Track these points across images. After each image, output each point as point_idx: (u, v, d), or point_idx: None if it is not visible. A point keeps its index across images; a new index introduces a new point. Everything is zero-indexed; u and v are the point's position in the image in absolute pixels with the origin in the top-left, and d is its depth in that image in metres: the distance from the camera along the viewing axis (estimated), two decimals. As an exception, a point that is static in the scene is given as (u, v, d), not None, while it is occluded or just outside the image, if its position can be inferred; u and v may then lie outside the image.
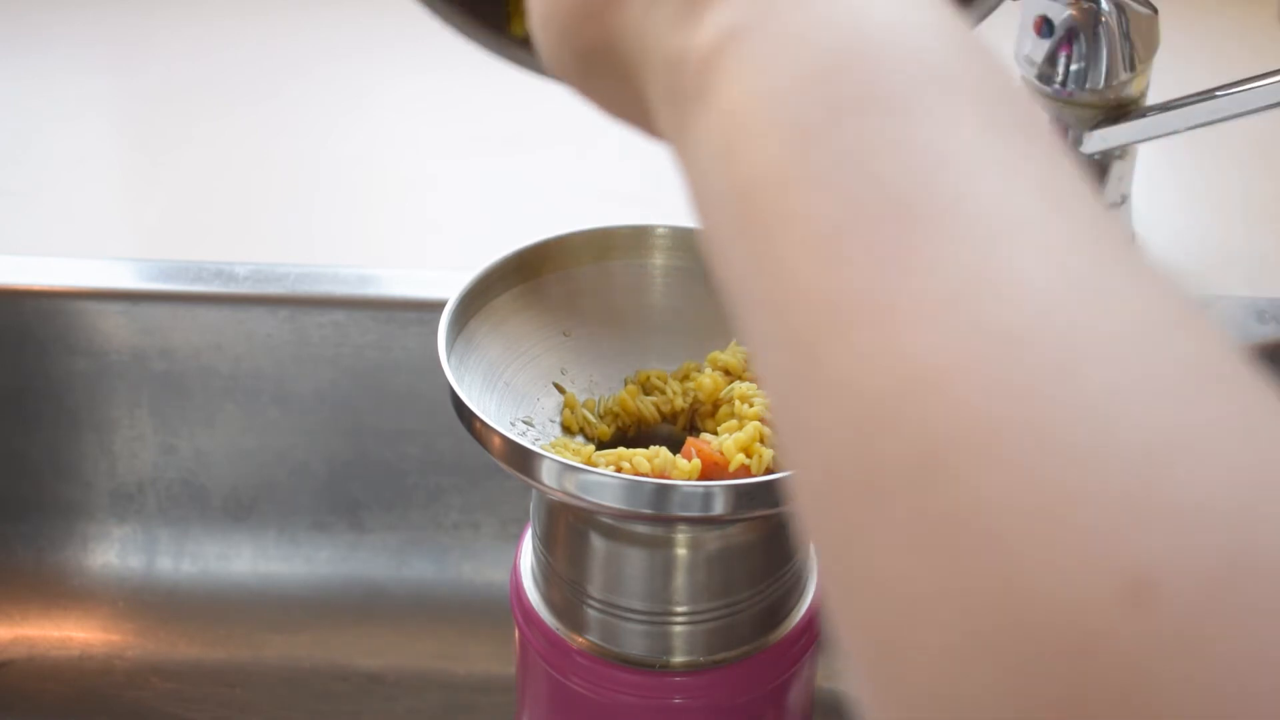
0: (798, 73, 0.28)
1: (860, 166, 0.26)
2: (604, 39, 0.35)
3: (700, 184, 0.30)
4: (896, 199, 0.26)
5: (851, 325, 0.25)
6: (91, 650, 0.85)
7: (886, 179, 0.26)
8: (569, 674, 0.61)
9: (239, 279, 0.82)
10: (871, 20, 0.29)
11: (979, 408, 0.23)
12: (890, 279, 0.25)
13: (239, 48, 1.04)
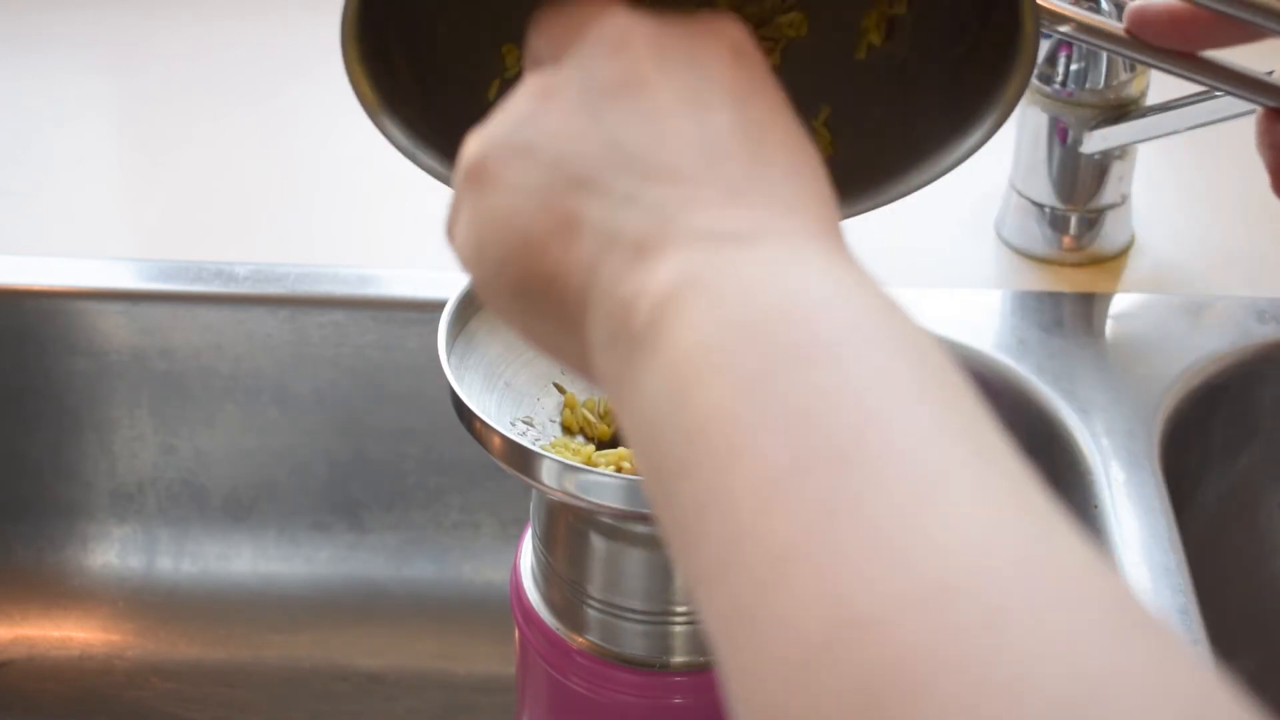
0: (742, 326, 0.30)
1: (801, 415, 0.28)
2: (547, 274, 0.35)
3: (643, 425, 0.31)
4: (835, 448, 0.27)
5: (794, 569, 0.26)
6: (91, 650, 0.85)
7: (825, 428, 0.28)
8: (569, 674, 0.61)
9: (239, 279, 0.82)
10: (805, 281, 0.31)
11: (913, 653, 0.24)
12: (830, 526, 0.26)
13: (239, 48, 1.04)
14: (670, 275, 0.32)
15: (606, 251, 0.34)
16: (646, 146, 0.35)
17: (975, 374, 0.77)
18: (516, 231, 0.36)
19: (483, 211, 0.37)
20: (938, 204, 0.79)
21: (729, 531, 0.28)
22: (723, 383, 0.29)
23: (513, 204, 0.36)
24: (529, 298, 0.36)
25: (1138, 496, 0.69)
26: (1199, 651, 0.63)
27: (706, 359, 0.30)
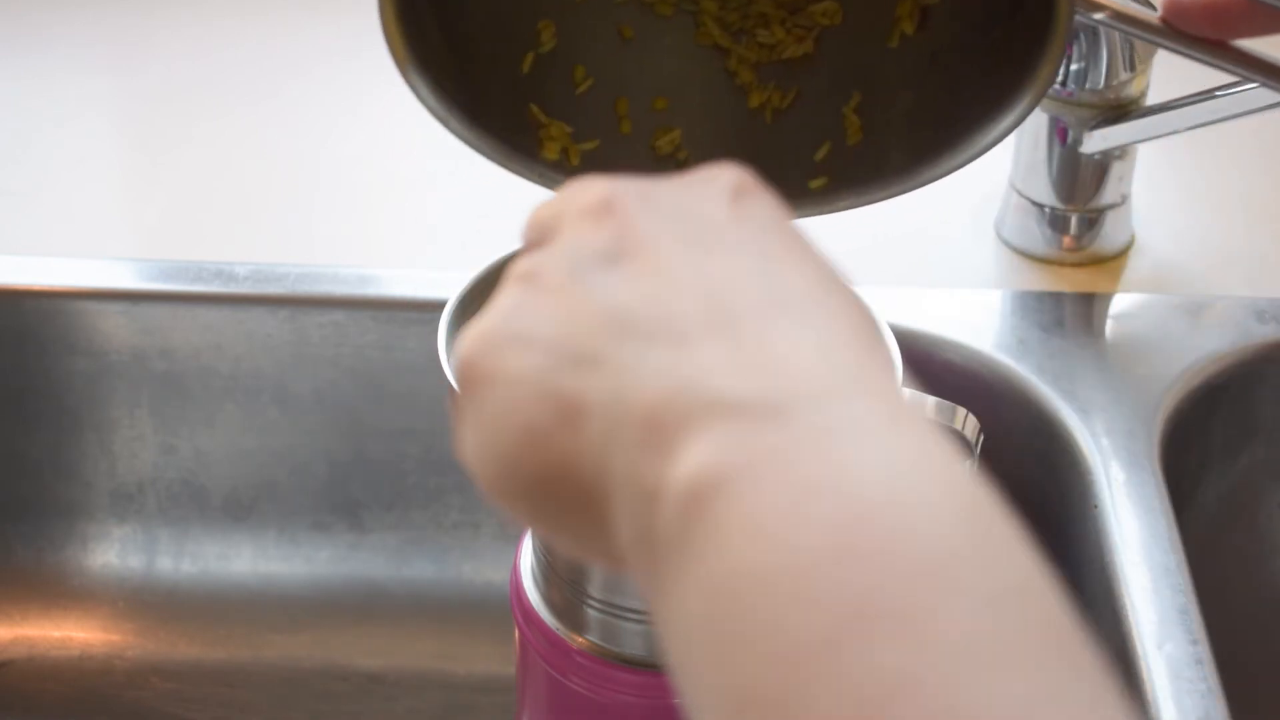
0: (786, 553, 0.26)
1: (868, 699, 0.24)
2: (557, 465, 0.32)
3: (682, 645, 0.28)
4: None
5: None
6: (91, 650, 0.85)
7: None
8: (569, 674, 0.61)
9: (239, 279, 0.82)
10: (858, 474, 0.26)
11: None
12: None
13: (239, 48, 1.04)
14: (693, 467, 0.28)
15: (617, 430, 0.30)
16: (644, 307, 0.31)
17: (975, 374, 0.77)
18: (519, 425, 0.33)
19: (483, 413, 0.34)
20: (938, 204, 0.79)
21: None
22: (770, 645, 0.25)
23: (511, 397, 0.33)
24: (546, 496, 0.33)
25: (1138, 496, 0.69)
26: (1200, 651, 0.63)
27: (749, 602, 0.26)
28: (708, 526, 0.27)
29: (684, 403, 0.29)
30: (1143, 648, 0.63)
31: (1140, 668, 0.62)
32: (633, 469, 0.29)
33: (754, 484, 0.27)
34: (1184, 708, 0.60)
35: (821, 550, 0.25)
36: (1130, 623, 0.64)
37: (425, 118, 1.00)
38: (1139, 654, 0.63)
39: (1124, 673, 0.64)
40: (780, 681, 0.25)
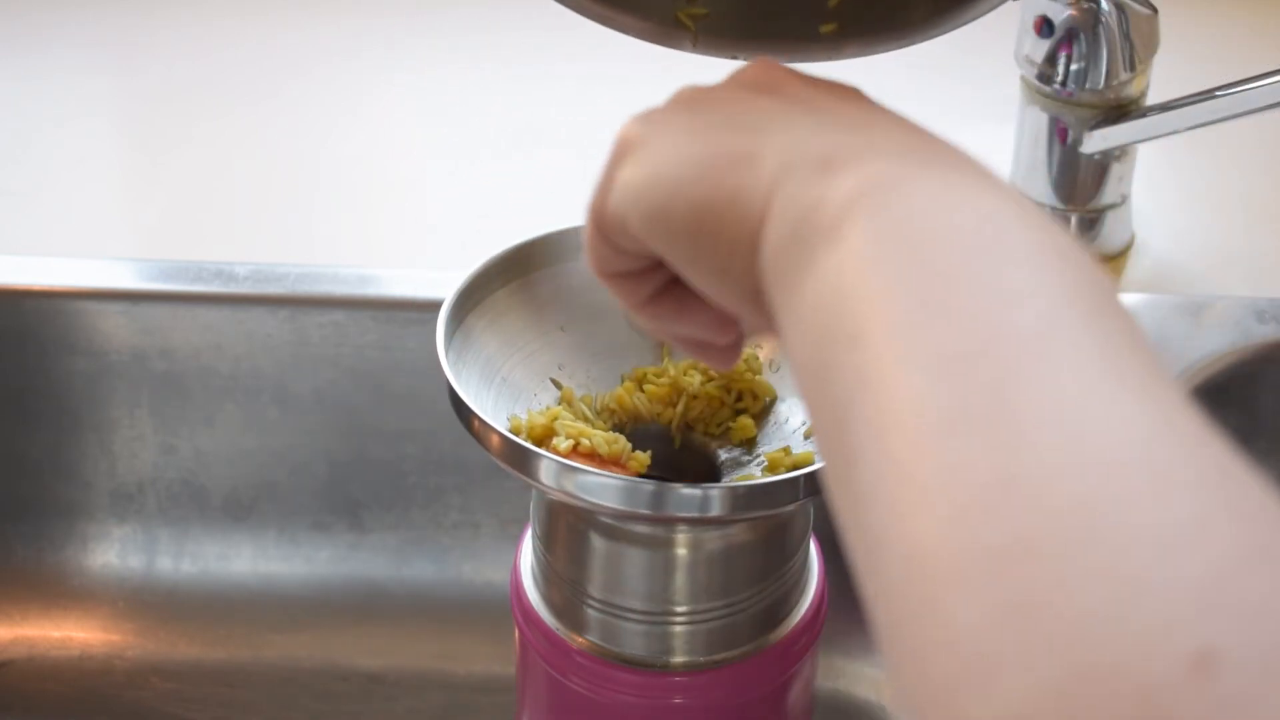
0: (924, 231, 0.32)
1: (968, 311, 0.30)
2: (728, 192, 0.37)
3: (814, 311, 0.33)
4: (1007, 338, 0.29)
5: (960, 429, 0.28)
6: (91, 650, 0.85)
7: (993, 323, 0.30)
8: (569, 674, 0.61)
9: (239, 279, 0.82)
10: (983, 202, 0.33)
11: (1072, 511, 0.26)
12: (997, 399, 0.28)
13: (239, 48, 1.04)
14: (859, 181, 0.34)
15: (793, 167, 0.36)
16: (819, 100, 0.38)
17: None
18: (696, 159, 0.38)
19: (657, 150, 0.39)
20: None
21: (891, 401, 0.29)
22: (896, 275, 0.31)
23: (689, 138, 0.38)
24: (704, 220, 0.38)
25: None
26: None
27: (886, 253, 0.32)
28: (860, 216, 0.33)
29: (858, 149, 0.35)
30: (1143, 648, 0.63)
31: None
32: (801, 189, 0.35)
33: (905, 191, 0.33)
34: (1184, 708, 0.60)
35: (947, 229, 0.32)
36: (1130, 623, 0.64)
37: (425, 117, 1.00)
38: (1139, 654, 0.63)
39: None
40: (905, 292, 0.31)
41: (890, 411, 0.29)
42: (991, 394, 0.28)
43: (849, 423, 0.30)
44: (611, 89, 1.01)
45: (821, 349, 0.32)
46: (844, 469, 0.31)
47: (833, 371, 0.31)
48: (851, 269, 0.32)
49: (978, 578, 0.26)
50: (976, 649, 0.25)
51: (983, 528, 0.26)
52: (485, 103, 1.00)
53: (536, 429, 0.57)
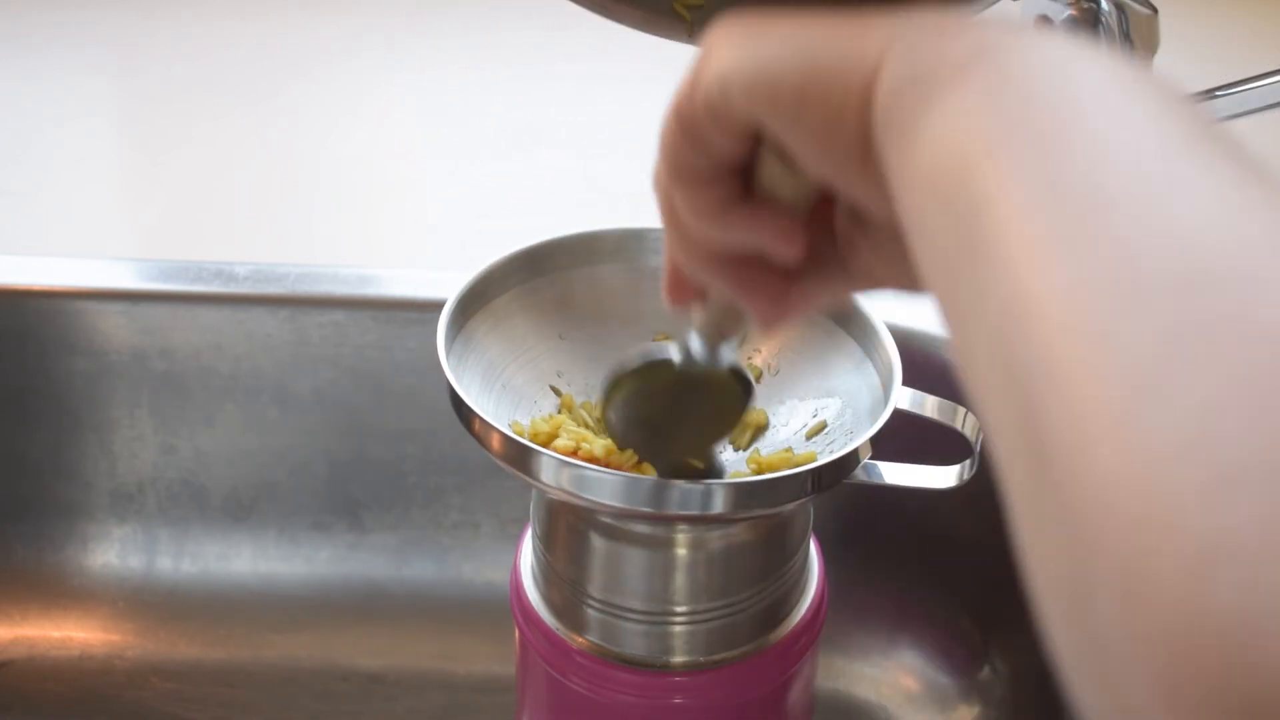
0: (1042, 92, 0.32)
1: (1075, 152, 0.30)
2: (834, 53, 0.38)
3: (929, 158, 0.33)
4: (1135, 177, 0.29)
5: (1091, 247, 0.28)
6: (91, 650, 0.85)
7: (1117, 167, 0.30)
8: (569, 674, 0.61)
9: (239, 279, 0.82)
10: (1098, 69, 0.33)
11: (1239, 245, 0.27)
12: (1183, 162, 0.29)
13: (239, 48, 1.04)
14: (978, 38, 0.34)
15: (906, 29, 0.36)
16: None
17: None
18: (799, 33, 0.38)
19: (755, 34, 0.39)
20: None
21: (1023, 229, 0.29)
22: (1022, 122, 0.32)
23: (786, 24, 0.39)
24: (811, 76, 0.38)
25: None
26: None
27: (1010, 100, 0.32)
28: (996, 55, 0.34)
29: (965, 22, 0.36)
30: (1143, 648, 0.63)
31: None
32: (917, 44, 0.36)
33: (1021, 54, 0.33)
34: (1184, 708, 0.60)
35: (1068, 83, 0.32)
36: (1130, 623, 0.64)
37: (426, 117, 1.00)
38: (1139, 654, 0.63)
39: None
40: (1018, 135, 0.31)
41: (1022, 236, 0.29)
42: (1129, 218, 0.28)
43: (977, 249, 0.31)
44: (611, 89, 1.01)
45: (941, 192, 0.33)
46: (968, 303, 0.31)
47: (958, 209, 0.32)
48: (977, 113, 0.33)
49: (1155, 302, 0.26)
50: (1156, 362, 0.25)
51: (1149, 266, 0.27)
52: (485, 103, 1.00)
53: (540, 436, 0.58)
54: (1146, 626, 0.24)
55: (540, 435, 0.58)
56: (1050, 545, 0.28)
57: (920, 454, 0.60)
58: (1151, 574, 0.24)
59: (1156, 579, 0.24)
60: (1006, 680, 0.80)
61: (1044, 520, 0.28)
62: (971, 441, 0.59)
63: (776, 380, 0.61)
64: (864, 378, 0.59)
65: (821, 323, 0.61)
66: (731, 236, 0.43)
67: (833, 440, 0.58)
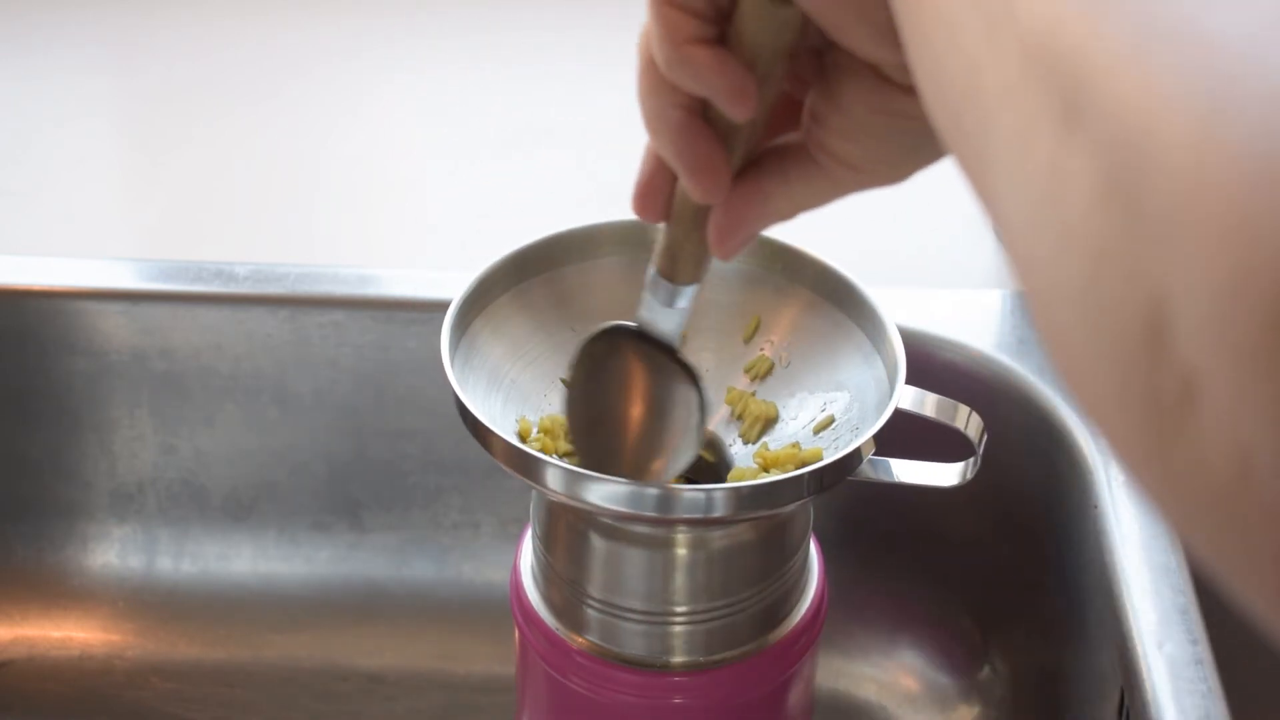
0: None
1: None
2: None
3: None
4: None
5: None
6: (91, 650, 0.85)
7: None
8: (569, 674, 0.61)
9: (239, 279, 0.82)
10: None
11: None
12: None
13: (239, 48, 1.04)
14: None
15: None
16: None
17: (976, 374, 0.77)
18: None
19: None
20: (938, 204, 0.79)
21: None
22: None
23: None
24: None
25: (1137, 496, 0.69)
26: (1200, 651, 0.63)
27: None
28: None
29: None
30: (1143, 648, 0.63)
31: (1140, 668, 0.62)
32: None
33: None
34: (1184, 708, 0.60)
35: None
36: (1130, 623, 0.64)
37: (426, 117, 1.00)
38: (1139, 654, 0.63)
39: (1124, 673, 0.64)
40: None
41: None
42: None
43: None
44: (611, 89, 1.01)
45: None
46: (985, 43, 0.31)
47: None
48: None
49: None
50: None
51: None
52: (485, 103, 1.00)
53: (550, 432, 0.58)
54: (1211, 195, 0.24)
55: (551, 431, 0.58)
56: (1077, 181, 0.27)
57: (921, 454, 0.60)
58: (1216, 146, 0.24)
59: (1223, 149, 0.24)
60: (1006, 680, 0.80)
61: (1070, 163, 0.28)
62: (973, 442, 0.59)
63: (788, 372, 0.61)
64: (871, 371, 0.59)
65: (832, 315, 0.61)
66: (692, 75, 0.43)
67: (839, 436, 0.58)
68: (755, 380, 0.61)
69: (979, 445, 0.59)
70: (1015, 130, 0.30)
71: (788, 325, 0.62)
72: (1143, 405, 0.26)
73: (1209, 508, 0.25)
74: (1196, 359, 0.25)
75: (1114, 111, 0.27)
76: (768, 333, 0.62)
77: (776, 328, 0.62)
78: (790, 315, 0.62)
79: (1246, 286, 0.23)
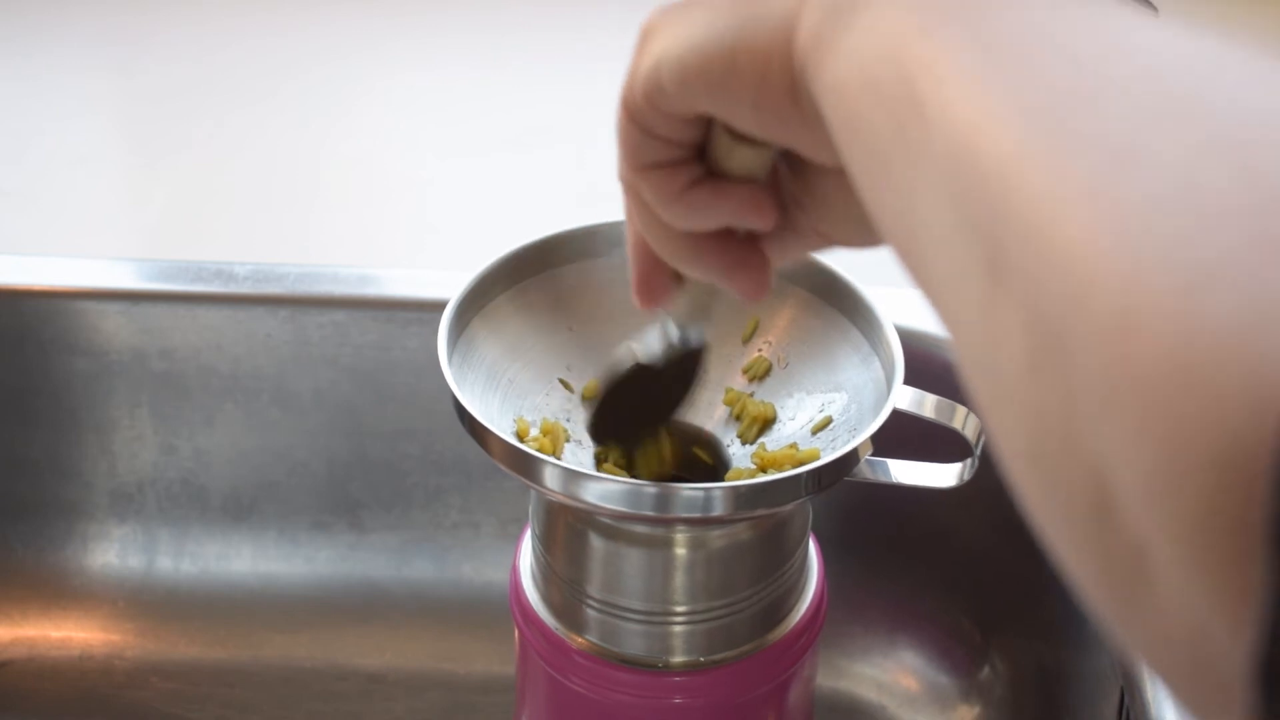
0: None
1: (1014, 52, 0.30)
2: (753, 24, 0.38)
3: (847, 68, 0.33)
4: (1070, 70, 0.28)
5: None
6: (91, 650, 0.85)
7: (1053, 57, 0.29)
8: (569, 674, 0.61)
9: (239, 279, 0.82)
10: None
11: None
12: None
13: (239, 47, 1.04)
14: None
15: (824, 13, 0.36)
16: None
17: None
18: (721, 14, 0.39)
19: (681, 23, 0.40)
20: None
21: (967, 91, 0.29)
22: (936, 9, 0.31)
23: (711, 7, 0.39)
24: (736, 47, 0.38)
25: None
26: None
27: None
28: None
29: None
30: (1142, 648, 0.63)
31: (1140, 668, 0.62)
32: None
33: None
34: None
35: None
36: (1130, 623, 0.64)
37: (425, 117, 1.00)
38: (1139, 654, 0.63)
39: (1124, 673, 0.64)
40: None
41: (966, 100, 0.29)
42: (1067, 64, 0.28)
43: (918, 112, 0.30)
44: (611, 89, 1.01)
45: (875, 79, 0.32)
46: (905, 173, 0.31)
47: (893, 89, 0.31)
48: (903, 4, 0.32)
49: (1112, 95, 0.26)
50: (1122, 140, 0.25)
51: (1106, 67, 0.26)
52: (485, 102, 1.00)
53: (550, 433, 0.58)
54: (1138, 365, 0.23)
55: (551, 431, 0.58)
56: (1008, 340, 0.27)
57: (921, 454, 0.60)
58: (1139, 310, 0.23)
59: (1146, 313, 0.23)
60: (1006, 680, 0.80)
61: (1004, 315, 0.27)
62: (971, 442, 0.59)
63: (786, 373, 0.61)
64: (869, 372, 0.59)
65: (829, 315, 0.61)
66: (702, 217, 0.43)
67: (836, 437, 0.58)
68: (753, 381, 0.61)
69: (977, 446, 0.59)
70: (949, 275, 0.30)
71: (786, 326, 0.62)
72: (1101, 570, 0.26)
73: (1177, 675, 0.25)
74: (1142, 535, 0.24)
75: (1034, 274, 0.26)
76: (766, 334, 0.62)
77: (774, 329, 0.62)
78: (788, 316, 0.62)
79: (1180, 464, 0.23)
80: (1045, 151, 0.26)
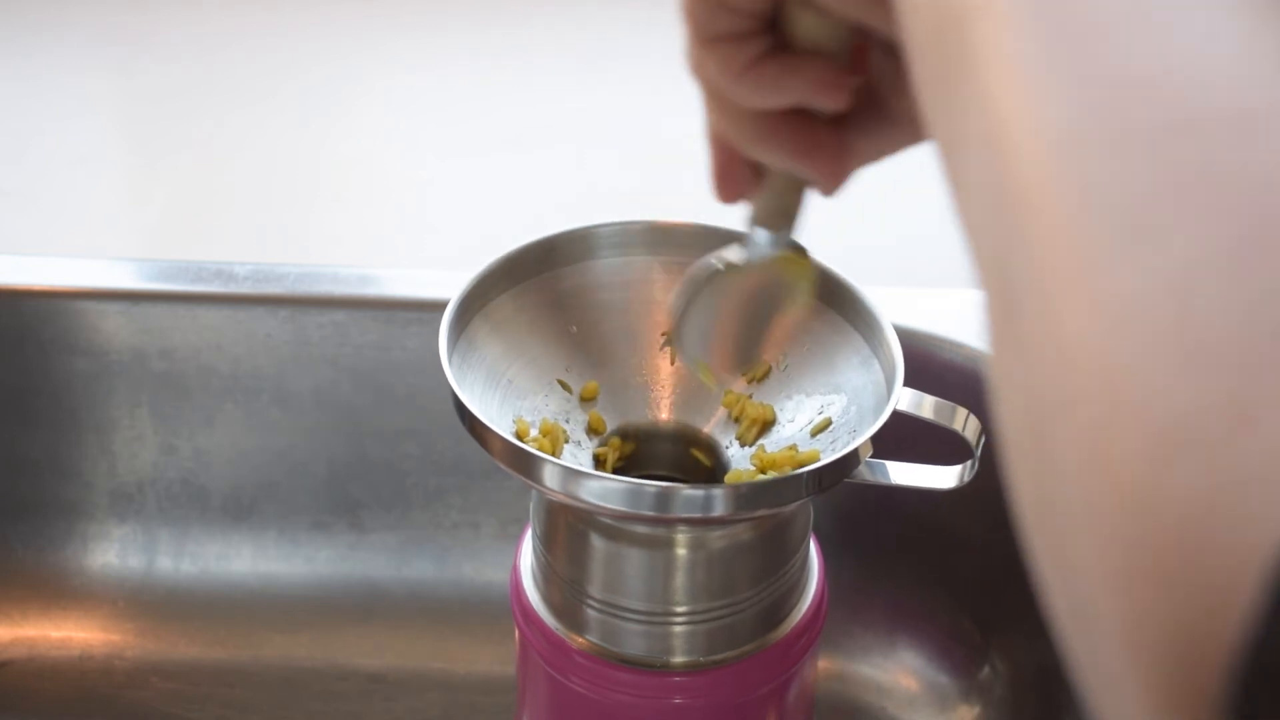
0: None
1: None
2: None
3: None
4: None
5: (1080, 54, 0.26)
6: (91, 650, 0.85)
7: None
8: (569, 674, 0.61)
9: (239, 279, 0.82)
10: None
11: (1224, 90, 0.25)
12: None
13: (239, 47, 1.04)
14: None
15: None
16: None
17: (975, 374, 0.77)
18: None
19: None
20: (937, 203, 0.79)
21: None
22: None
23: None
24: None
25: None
26: None
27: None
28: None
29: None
30: (1142, 648, 0.63)
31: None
32: None
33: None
34: (1184, 708, 0.60)
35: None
36: (1130, 623, 0.64)
37: (425, 117, 1.00)
38: (1139, 654, 0.63)
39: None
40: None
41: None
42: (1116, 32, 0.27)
43: (964, 68, 0.29)
44: (611, 89, 1.01)
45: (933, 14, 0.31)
46: (957, 130, 0.30)
47: (948, 24, 0.30)
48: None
49: (1141, 146, 0.25)
50: (1135, 210, 0.24)
51: (1139, 108, 0.25)
52: (485, 102, 1.00)
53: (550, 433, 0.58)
54: (1102, 497, 0.23)
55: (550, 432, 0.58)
56: (1016, 394, 0.26)
57: (921, 454, 0.60)
58: (1112, 443, 0.23)
59: (1117, 450, 0.23)
60: (1006, 680, 0.80)
61: (1011, 367, 0.27)
62: (972, 444, 0.59)
63: (785, 375, 0.61)
64: (869, 374, 0.59)
65: (829, 317, 0.61)
66: (773, 93, 0.42)
67: (836, 439, 0.58)
68: (752, 383, 0.61)
69: (977, 447, 0.59)
70: (981, 259, 0.29)
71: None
72: (1084, 653, 0.25)
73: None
74: (1115, 669, 0.24)
75: (1035, 341, 0.25)
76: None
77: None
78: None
79: (1143, 629, 0.23)
80: (1064, 196, 0.25)
